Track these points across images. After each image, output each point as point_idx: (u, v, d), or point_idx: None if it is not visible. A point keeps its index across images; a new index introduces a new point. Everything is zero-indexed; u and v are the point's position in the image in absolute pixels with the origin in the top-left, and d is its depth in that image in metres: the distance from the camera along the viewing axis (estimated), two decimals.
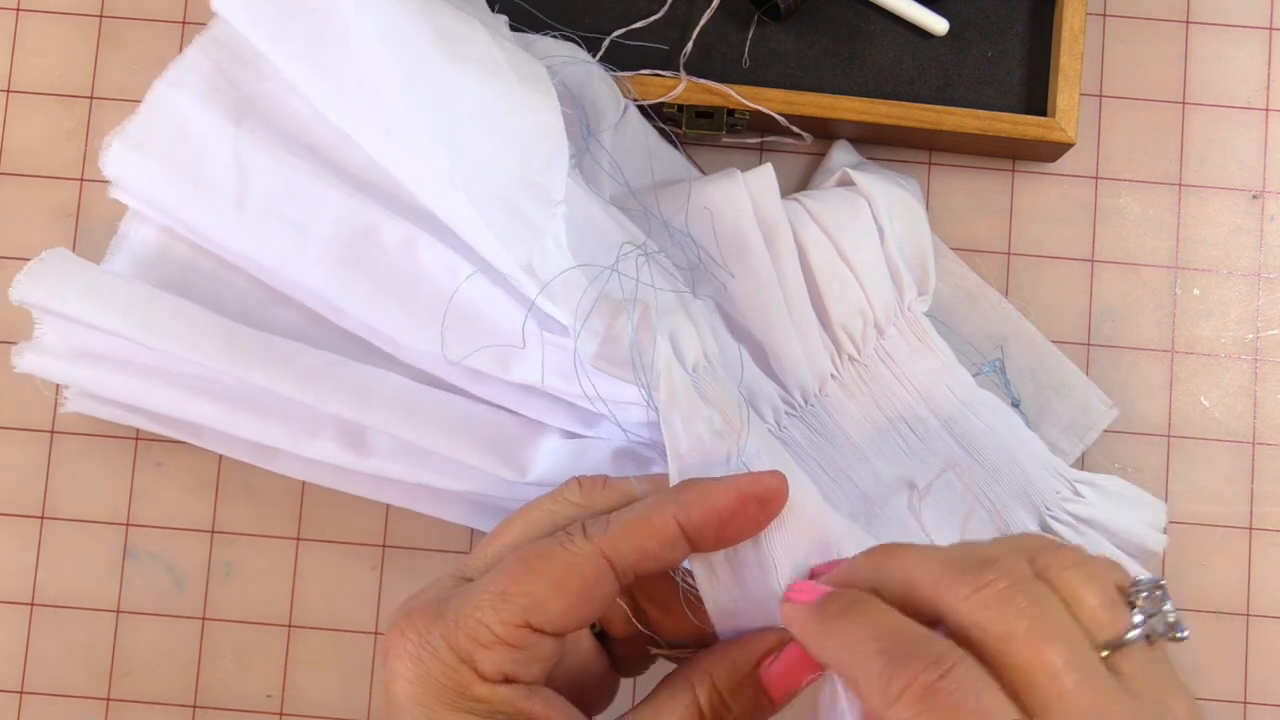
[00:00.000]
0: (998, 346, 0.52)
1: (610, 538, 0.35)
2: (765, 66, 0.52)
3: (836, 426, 0.48)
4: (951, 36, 0.52)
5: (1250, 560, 0.51)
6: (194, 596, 0.52)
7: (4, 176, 0.53)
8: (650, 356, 0.40)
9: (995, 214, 0.53)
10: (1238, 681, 0.51)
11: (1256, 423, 0.52)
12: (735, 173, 0.47)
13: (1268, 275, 0.53)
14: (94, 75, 0.54)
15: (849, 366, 0.48)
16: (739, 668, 0.37)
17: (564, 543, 0.35)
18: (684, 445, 0.39)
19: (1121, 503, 0.48)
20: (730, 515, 0.36)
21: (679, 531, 0.36)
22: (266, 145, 0.44)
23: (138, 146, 0.45)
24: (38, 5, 0.54)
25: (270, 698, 0.51)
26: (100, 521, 0.52)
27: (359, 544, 0.52)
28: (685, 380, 0.39)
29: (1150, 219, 0.53)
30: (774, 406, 0.47)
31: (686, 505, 0.35)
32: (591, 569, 0.35)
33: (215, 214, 0.44)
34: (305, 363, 0.44)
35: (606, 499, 0.38)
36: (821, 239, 0.47)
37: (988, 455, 0.48)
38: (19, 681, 0.51)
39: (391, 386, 0.44)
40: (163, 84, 0.45)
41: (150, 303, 0.44)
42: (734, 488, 0.36)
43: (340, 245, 0.43)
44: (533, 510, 0.38)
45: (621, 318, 0.39)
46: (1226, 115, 0.53)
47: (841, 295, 0.47)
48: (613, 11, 0.52)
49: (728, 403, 0.40)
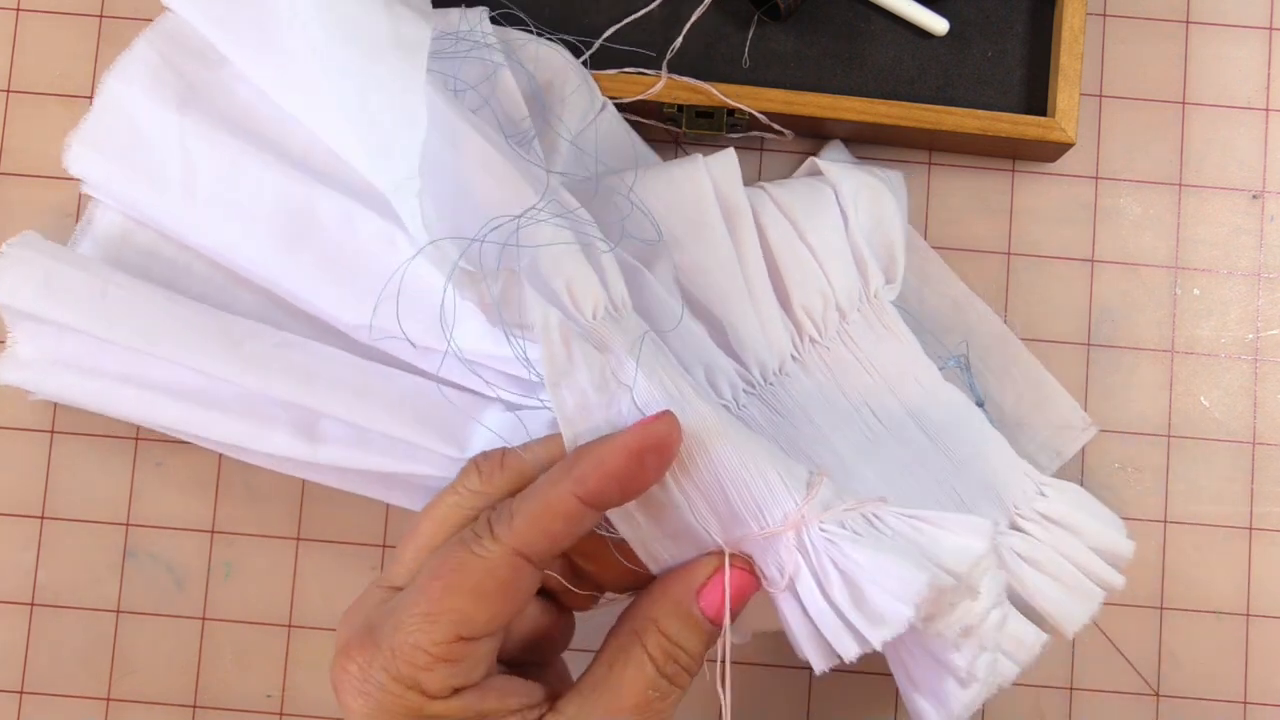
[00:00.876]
0: (963, 341, 0.51)
1: (517, 533, 0.35)
2: (765, 66, 0.52)
3: (798, 407, 0.47)
4: (951, 36, 0.52)
5: (1250, 560, 0.51)
6: (194, 596, 0.52)
7: (4, 176, 0.53)
8: (525, 318, 0.40)
9: (995, 214, 0.53)
10: (1238, 681, 0.51)
11: (1256, 423, 0.52)
12: (698, 156, 0.48)
13: (1268, 275, 0.53)
14: (94, 75, 0.54)
15: (810, 348, 0.48)
16: (681, 605, 0.38)
17: (474, 548, 0.35)
18: (571, 407, 0.38)
19: (1086, 508, 0.48)
20: (628, 474, 0.36)
21: (581, 506, 0.36)
22: (209, 132, 0.44)
23: (94, 144, 0.45)
24: (38, 5, 0.54)
25: (270, 698, 0.51)
26: (100, 521, 0.52)
27: (359, 544, 0.52)
28: (567, 333, 0.39)
29: (1150, 219, 0.53)
30: (732, 383, 0.47)
31: (581, 478, 0.36)
32: (507, 569, 0.35)
33: (168, 204, 0.45)
34: (253, 347, 0.44)
35: (505, 482, 0.38)
36: (781, 221, 0.48)
37: (954, 449, 0.48)
38: (19, 681, 0.51)
39: (337, 367, 0.44)
40: (111, 78, 0.46)
41: (106, 290, 0.44)
42: (623, 448, 0.36)
43: (281, 226, 0.44)
44: (438, 506, 0.38)
45: (482, 285, 0.39)
46: (1226, 115, 0.53)
47: (801, 276, 0.47)
48: (613, 11, 0.52)
49: (622, 346, 0.40)
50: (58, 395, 0.46)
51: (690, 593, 0.38)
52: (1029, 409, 0.51)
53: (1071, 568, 0.46)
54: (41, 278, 0.44)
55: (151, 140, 0.45)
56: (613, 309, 0.42)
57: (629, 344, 0.40)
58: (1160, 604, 0.51)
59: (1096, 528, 0.47)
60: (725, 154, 0.48)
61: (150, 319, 0.44)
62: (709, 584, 0.38)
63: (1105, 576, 0.47)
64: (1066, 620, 0.46)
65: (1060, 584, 0.46)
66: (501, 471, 0.38)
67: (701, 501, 0.38)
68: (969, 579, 0.37)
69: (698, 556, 0.39)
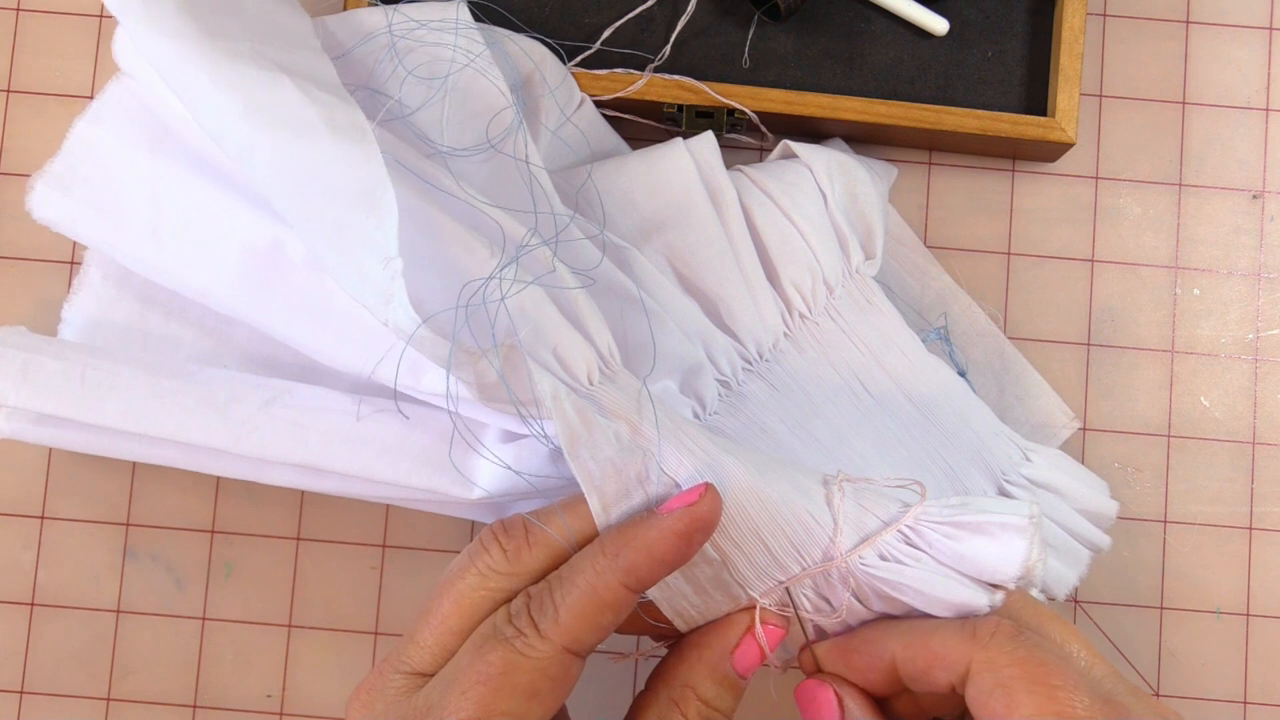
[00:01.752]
0: (942, 315, 0.52)
1: (565, 629, 0.34)
2: (765, 66, 0.52)
3: (794, 381, 0.48)
4: (951, 36, 0.52)
5: (1250, 560, 0.51)
6: (194, 596, 0.52)
7: (4, 176, 0.53)
8: (532, 392, 0.38)
9: (995, 214, 0.53)
10: (1238, 681, 0.51)
11: (1256, 423, 0.52)
12: (678, 140, 0.48)
13: (1268, 275, 0.53)
14: (94, 75, 0.54)
15: (800, 324, 0.48)
16: (717, 669, 0.38)
17: (519, 646, 0.34)
18: (596, 475, 0.37)
19: (1069, 471, 0.48)
20: (677, 557, 0.36)
21: (630, 594, 0.35)
22: (177, 171, 0.44)
23: (60, 186, 0.45)
24: (38, 5, 0.54)
25: (270, 698, 0.51)
26: (100, 521, 0.52)
27: (359, 544, 0.52)
28: (578, 404, 0.38)
29: (1150, 219, 0.53)
30: (730, 361, 0.47)
31: (631, 569, 0.35)
32: (558, 667, 0.34)
33: (135, 245, 0.44)
34: (239, 412, 0.43)
35: (534, 561, 0.36)
36: (766, 201, 0.48)
37: (942, 418, 0.48)
38: (19, 681, 0.51)
39: (327, 417, 0.43)
40: (82, 122, 0.45)
41: (84, 375, 0.44)
42: (672, 533, 0.35)
43: (251, 267, 0.43)
44: (457, 584, 0.36)
45: (482, 363, 0.37)
46: (1226, 115, 0.53)
47: (789, 253, 0.48)
48: (613, 11, 0.52)
49: (630, 409, 0.39)
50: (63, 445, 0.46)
51: (725, 655, 0.38)
52: (1012, 403, 0.51)
53: (1061, 531, 0.47)
54: (19, 370, 0.44)
55: (121, 182, 0.44)
56: (605, 367, 0.41)
57: (636, 405, 0.40)
58: (1160, 604, 0.51)
59: (1081, 490, 0.48)
60: (704, 136, 0.48)
61: (131, 399, 0.43)
62: (742, 643, 0.38)
63: (1092, 538, 0.47)
64: (1057, 583, 0.46)
65: (1050, 548, 0.46)
66: (530, 550, 0.36)
67: (738, 556, 0.38)
68: (1025, 581, 0.37)
69: (728, 615, 0.39)
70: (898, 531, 0.38)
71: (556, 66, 0.50)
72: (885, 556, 0.38)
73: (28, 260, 0.53)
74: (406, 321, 0.36)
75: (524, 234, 0.41)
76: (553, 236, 0.42)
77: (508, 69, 0.47)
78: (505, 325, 0.39)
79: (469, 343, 0.37)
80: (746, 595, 0.39)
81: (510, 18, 0.51)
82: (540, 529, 0.37)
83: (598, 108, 0.51)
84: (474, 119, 0.46)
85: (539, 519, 0.37)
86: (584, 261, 0.44)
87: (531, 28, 0.51)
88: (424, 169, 0.42)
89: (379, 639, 0.51)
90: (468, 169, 0.45)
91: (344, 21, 0.47)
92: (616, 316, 0.44)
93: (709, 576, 0.38)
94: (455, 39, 0.46)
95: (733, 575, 0.38)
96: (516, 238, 0.41)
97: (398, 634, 0.51)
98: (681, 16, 0.51)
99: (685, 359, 0.46)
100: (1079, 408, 0.52)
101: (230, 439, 0.43)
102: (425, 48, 0.46)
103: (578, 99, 0.50)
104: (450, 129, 0.46)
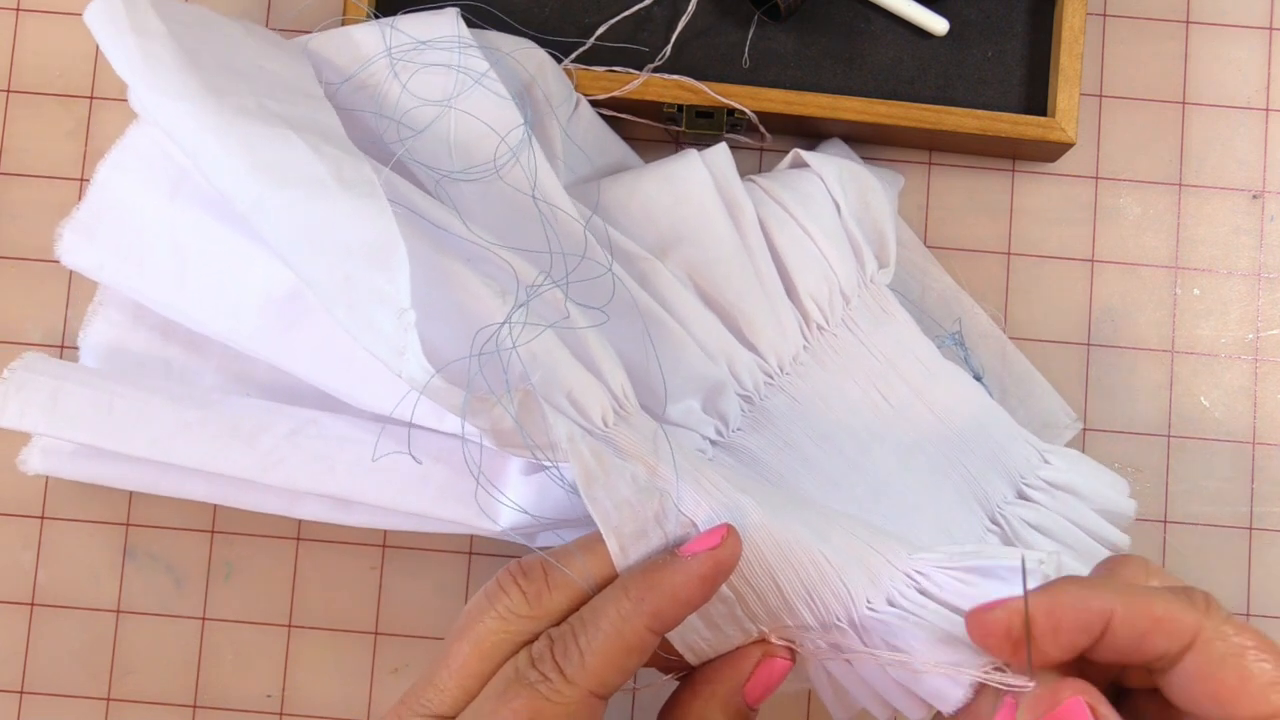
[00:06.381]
0: (956, 320, 0.52)
1: (592, 674, 0.34)
2: (765, 66, 0.52)
3: (815, 394, 0.48)
4: (951, 36, 0.52)
5: (1250, 560, 0.51)
6: (194, 596, 0.52)
7: (4, 176, 0.53)
8: (548, 436, 0.38)
9: (995, 214, 0.53)
10: None
11: (1256, 423, 0.52)
12: (692, 152, 0.48)
13: (1268, 275, 0.53)
14: (94, 75, 0.54)
15: (819, 336, 0.48)
16: (730, 704, 0.38)
17: (544, 692, 0.34)
18: (614, 516, 0.37)
19: (1087, 471, 0.49)
20: (700, 599, 0.36)
21: (654, 636, 0.35)
22: (197, 217, 0.44)
23: (86, 232, 0.45)
24: (38, 5, 0.54)
25: (270, 698, 0.51)
26: (100, 521, 0.52)
27: (359, 544, 0.52)
28: (594, 446, 0.38)
29: (1150, 219, 0.53)
30: (753, 375, 0.47)
31: (657, 614, 0.35)
32: (584, 711, 0.35)
33: (159, 290, 0.44)
34: (266, 442, 0.43)
35: (555, 605, 0.36)
36: (779, 211, 0.48)
37: (958, 424, 0.48)
38: (19, 681, 0.51)
39: (354, 448, 0.43)
40: (105, 166, 0.45)
41: (112, 404, 0.44)
42: (697, 577, 0.36)
43: (272, 312, 0.43)
44: (479, 629, 0.36)
45: (497, 410, 0.37)
46: (1226, 115, 0.53)
47: (807, 264, 0.48)
48: (612, 11, 0.52)
49: (646, 450, 0.39)
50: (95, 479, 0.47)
51: (738, 690, 0.38)
52: (1015, 404, 0.51)
53: (1080, 533, 0.47)
54: (48, 398, 0.44)
55: (142, 228, 0.45)
56: (619, 408, 0.41)
57: (652, 446, 0.40)
58: None
59: (1099, 489, 0.48)
60: (719, 148, 0.48)
61: (160, 430, 0.44)
62: (753, 677, 0.38)
63: (1111, 538, 0.47)
64: None
65: (1070, 551, 0.46)
66: (550, 593, 0.36)
67: (752, 595, 0.38)
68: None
69: (739, 649, 0.39)
70: (906, 576, 0.38)
71: (555, 70, 0.49)
72: (893, 604, 0.38)
73: (28, 260, 0.53)
74: (420, 373, 0.36)
75: (535, 275, 0.41)
76: (563, 277, 0.42)
77: (511, 83, 0.47)
78: (518, 370, 0.39)
79: (483, 389, 0.37)
80: (758, 629, 0.39)
81: (508, 20, 0.51)
82: (560, 570, 0.37)
83: (597, 108, 0.50)
84: (482, 140, 0.45)
85: (558, 559, 0.37)
86: (598, 290, 0.43)
87: (531, 28, 0.51)
88: (432, 213, 0.42)
89: (379, 639, 0.51)
90: (477, 198, 0.45)
91: (341, 44, 0.46)
92: (637, 339, 0.44)
93: (722, 613, 0.38)
94: (459, 59, 0.46)
95: (745, 612, 0.38)
96: (528, 279, 0.41)
97: (398, 634, 0.51)
98: (681, 16, 0.51)
99: (708, 377, 0.46)
100: (1079, 408, 0.52)
101: (258, 469, 0.43)
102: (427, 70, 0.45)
103: (574, 100, 0.50)
104: (458, 152, 0.45)
